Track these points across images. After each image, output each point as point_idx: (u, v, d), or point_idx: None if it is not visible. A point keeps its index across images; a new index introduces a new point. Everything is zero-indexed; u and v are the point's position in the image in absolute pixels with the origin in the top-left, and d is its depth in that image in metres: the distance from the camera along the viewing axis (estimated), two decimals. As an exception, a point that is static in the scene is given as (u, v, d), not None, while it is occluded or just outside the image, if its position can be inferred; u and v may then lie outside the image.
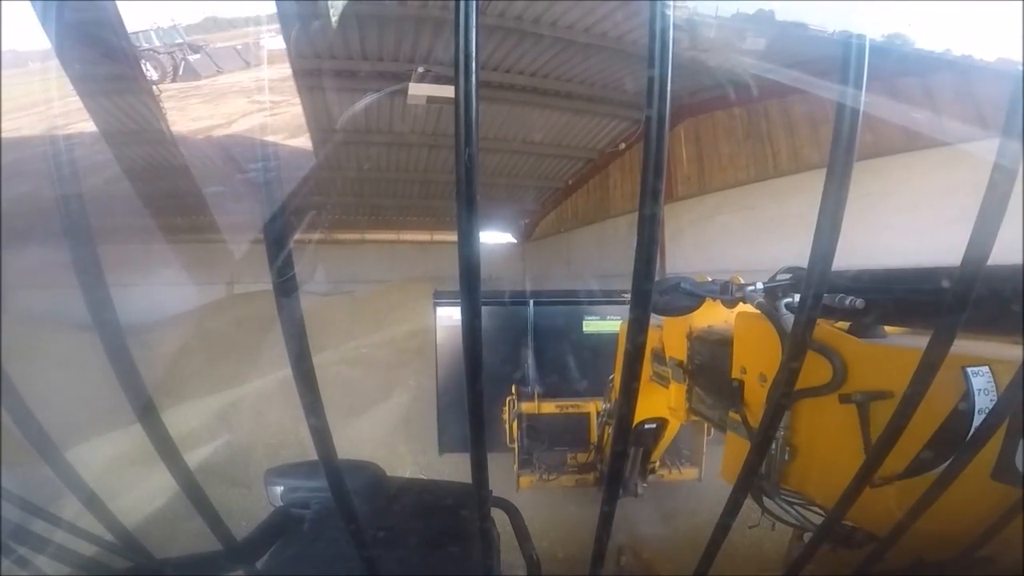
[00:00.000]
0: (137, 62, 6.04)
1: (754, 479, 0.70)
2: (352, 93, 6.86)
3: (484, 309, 0.54)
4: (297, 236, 10.88)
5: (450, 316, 4.70)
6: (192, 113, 7.19)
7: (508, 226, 14.66)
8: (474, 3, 0.43)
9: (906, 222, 4.92)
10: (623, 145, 8.70)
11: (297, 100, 6.09)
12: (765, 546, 2.84)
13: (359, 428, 4.89)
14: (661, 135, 0.48)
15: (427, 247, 14.12)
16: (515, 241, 15.02)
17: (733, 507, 0.71)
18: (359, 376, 5.83)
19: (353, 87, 6.69)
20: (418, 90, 6.21)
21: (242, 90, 7.23)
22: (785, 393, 0.63)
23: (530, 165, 9.79)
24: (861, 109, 0.48)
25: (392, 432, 4.91)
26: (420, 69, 6.18)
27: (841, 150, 0.50)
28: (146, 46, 8.00)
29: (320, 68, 6.27)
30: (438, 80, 6.18)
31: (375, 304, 8.43)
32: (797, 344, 0.61)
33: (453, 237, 0.49)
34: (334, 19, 5.14)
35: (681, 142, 8.05)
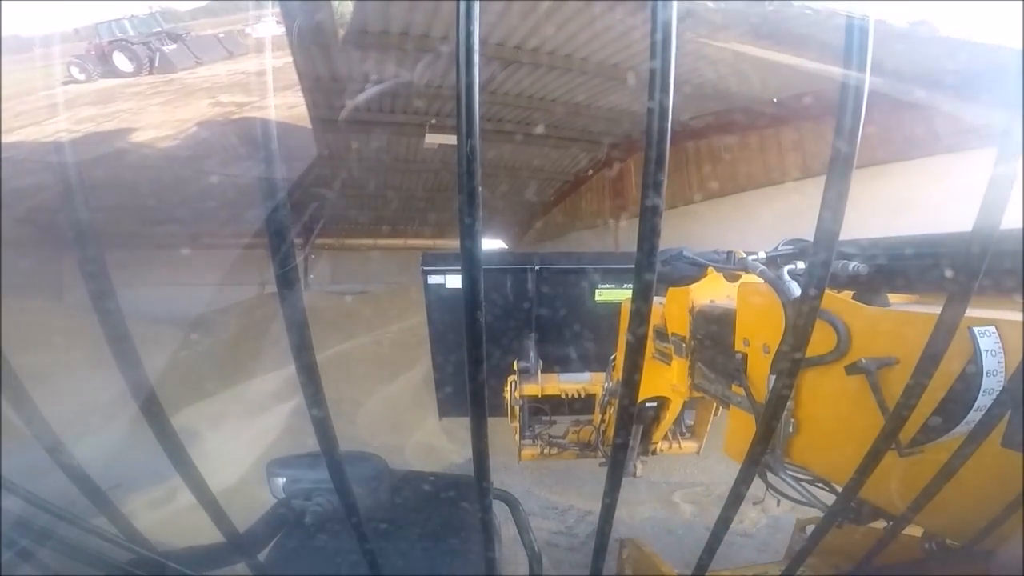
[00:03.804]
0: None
1: (764, 450, 0.68)
2: (368, 135, 8.05)
3: (483, 274, 0.53)
4: (312, 239, 11.77)
5: (438, 280, 4.48)
6: (181, 110, 7.19)
7: (501, 234, 15.72)
8: (476, 3, 0.43)
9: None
10: (591, 171, 10.47)
11: (300, 97, 6.13)
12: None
13: (395, 386, 6.64)
14: (663, 127, 0.48)
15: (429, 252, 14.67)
16: (506, 247, 16.00)
17: (745, 477, 0.70)
18: (389, 352, 7.53)
19: (370, 130, 7.92)
20: (432, 139, 7.87)
21: (221, 84, 7.27)
22: (793, 360, 0.62)
23: (520, 184, 11.33)
24: (868, 68, 0.48)
25: (418, 386, 6.45)
26: (432, 121, 7.60)
27: (848, 112, 0.49)
28: (119, 36, 7.78)
29: (338, 119, 7.13)
30: (446, 130, 7.70)
31: (394, 301, 9.50)
32: (808, 308, 0.59)
33: (453, 243, 0.50)
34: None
35: (631, 172, 9.32)
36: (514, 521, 1.45)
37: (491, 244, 15.37)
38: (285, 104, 5.97)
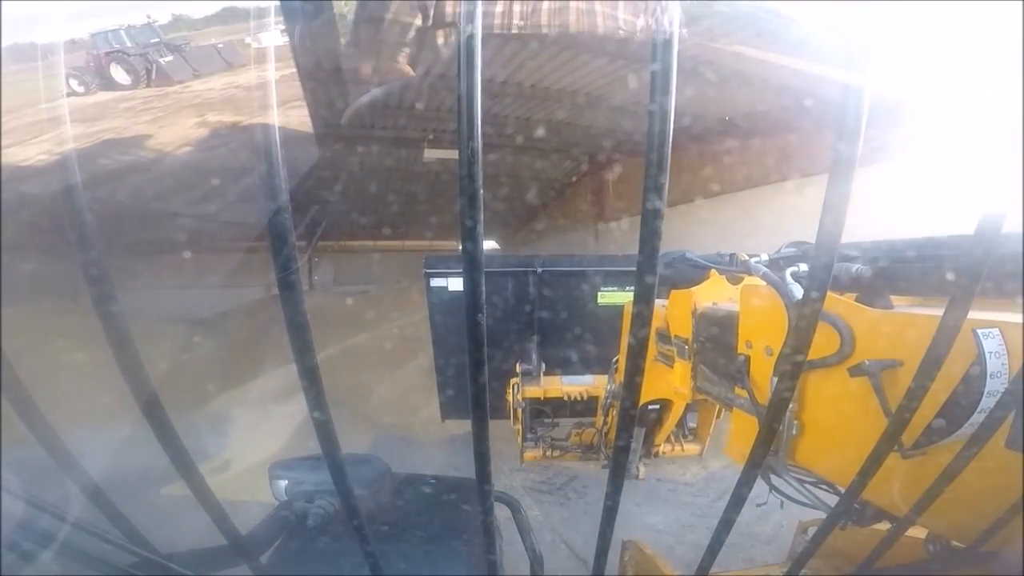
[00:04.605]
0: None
1: (766, 452, 0.68)
2: (369, 144, 8.31)
3: (485, 276, 0.53)
4: (315, 242, 12.14)
5: (441, 283, 4.52)
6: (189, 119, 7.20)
7: (493, 235, 16.17)
8: (478, 4, 0.43)
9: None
10: (575, 178, 11.12)
11: (302, 105, 6.18)
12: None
13: (402, 375, 7.13)
14: (664, 130, 0.48)
15: (429, 254, 14.88)
16: (498, 247, 16.48)
17: (747, 479, 0.70)
18: (394, 347, 7.97)
19: (370, 140, 8.16)
20: (431, 154, 8.40)
21: (218, 97, 7.30)
22: (796, 362, 0.62)
23: (511, 190, 11.85)
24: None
25: (422, 375, 6.51)
26: (430, 137, 8.05)
27: (851, 115, 0.49)
28: (116, 47, 7.62)
29: (341, 133, 7.37)
30: (443, 145, 8.21)
31: (395, 301, 9.82)
32: (810, 310, 0.59)
33: (450, 245, 0.50)
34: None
35: (610, 180, 9.75)
36: (515, 523, 1.45)
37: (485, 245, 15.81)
38: (287, 111, 5.98)
